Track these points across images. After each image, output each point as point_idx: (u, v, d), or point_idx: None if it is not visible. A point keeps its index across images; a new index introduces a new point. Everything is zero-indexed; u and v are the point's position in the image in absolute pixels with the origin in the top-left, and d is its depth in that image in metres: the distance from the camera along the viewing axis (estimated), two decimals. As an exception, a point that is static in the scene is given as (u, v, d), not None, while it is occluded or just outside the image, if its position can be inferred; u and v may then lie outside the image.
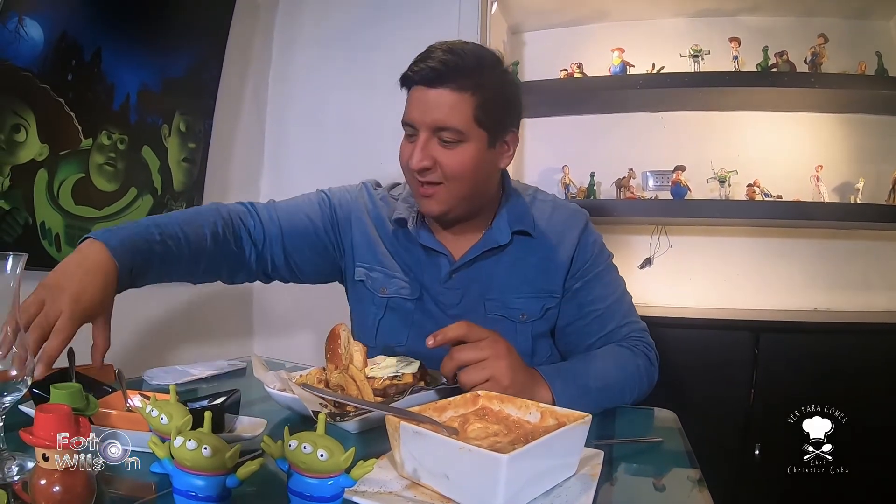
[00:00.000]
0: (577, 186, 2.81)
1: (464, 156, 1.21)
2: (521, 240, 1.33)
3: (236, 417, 0.88)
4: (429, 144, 1.21)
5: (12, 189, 1.75)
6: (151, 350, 2.14)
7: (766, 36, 2.67)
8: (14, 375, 0.71)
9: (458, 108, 1.18)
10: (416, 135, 1.22)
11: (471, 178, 1.23)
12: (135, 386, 1.20)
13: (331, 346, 1.06)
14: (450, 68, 1.18)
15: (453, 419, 0.80)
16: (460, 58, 1.20)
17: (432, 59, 1.19)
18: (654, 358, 1.28)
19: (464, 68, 1.19)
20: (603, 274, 1.34)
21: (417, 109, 1.21)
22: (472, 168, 1.22)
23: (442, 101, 1.18)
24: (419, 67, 1.21)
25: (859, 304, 2.67)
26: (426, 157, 1.20)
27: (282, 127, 2.87)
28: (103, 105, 2.01)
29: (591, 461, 0.77)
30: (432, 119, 1.19)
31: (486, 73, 1.22)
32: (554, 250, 1.32)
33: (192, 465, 0.58)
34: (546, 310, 1.31)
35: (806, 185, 2.62)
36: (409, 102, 1.24)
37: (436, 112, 1.19)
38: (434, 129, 1.20)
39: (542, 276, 1.32)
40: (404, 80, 1.26)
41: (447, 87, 1.18)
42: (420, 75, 1.20)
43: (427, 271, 1.34)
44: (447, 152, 1.21)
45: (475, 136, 1.21)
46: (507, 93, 1.27)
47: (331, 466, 0.58)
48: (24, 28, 1.75)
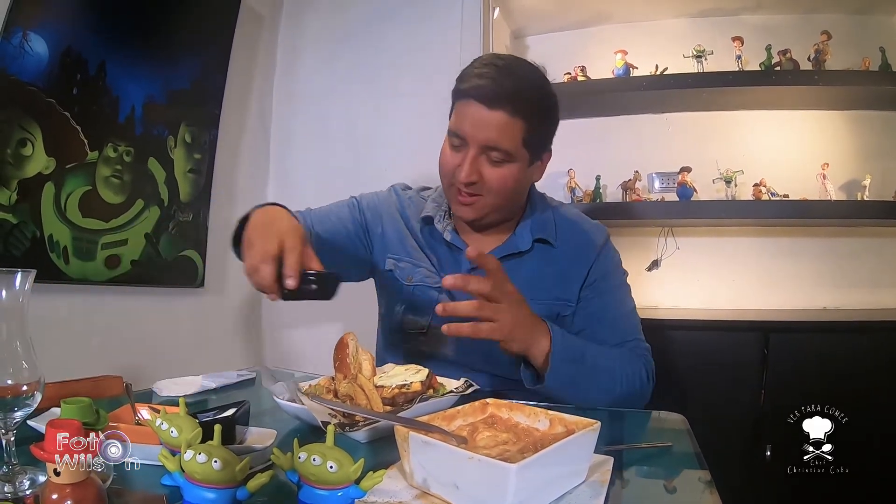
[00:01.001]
0: (582, 190, 2.80)
1: (508, 174, 1.27)
2: (541, 248, 1.39)
3: (246, 429, 0.88)
4: (477, 160, 1.26)
5: (20, 203, 1.77)
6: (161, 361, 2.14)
7: (769, 34, 2.66)
8: (25, 390, 0.71)
9: (511, 131, 1.23)
10: (464, 147, 1.27)
11: (510, 194, 1.32)
12: (144, 398, 1.20)
13: (339, 356, 1.06)
14: (509, 93, 1.22)
15: (462, 428, 0.80)
16: (518, 82, 1.24)
17: (489, 78, 1.23)
18: (651, 374, 1.31)
19: (521, 93, 1.23)
20: (617, 288, 1.40)
21: (471, 125, 1.24)
22: (513, 185, 1.30)
23: (496, 122, 1.22)
24: (478, 84, 1.24)
25: (868, 302, 2.66)
26: (474, 171, 1.26)
27: (287, 135, 2.87)
28: (109, 118, 2.02)
29: (600, 467, 0.77)
30: (485, 137, 1.23)
31: (539, 99, 1.28)
32: (572, 261, 1.38)
33: (203, 478, 0.58)
34: (560, 318, 1.34)
35: (812, 184, 2.60)
36: (462, 115, 1.26)
37: (489, 132, 1.23)
38: (485, 148, 1.25)
39: (560, 285, 1.36)
40: (459, 93, 1.28)
41: (504, 111, 1.22)
42: (479, 93, 1.23)
43: (450, 267, 1.40)
44: (493, 170, 1.26)
45: (520, 156, 1.27)
46: (552, 116, 1.33)
47: (340, 478, 0.58)
48: (29, 43, 1.76)
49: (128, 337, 2.13)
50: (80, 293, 1.98)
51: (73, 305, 1.96)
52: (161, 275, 2.26)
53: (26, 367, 0.71)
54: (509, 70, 1.26)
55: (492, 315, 1.08)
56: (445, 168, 1.32)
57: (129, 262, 2.11)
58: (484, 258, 1.08)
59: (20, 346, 0.71)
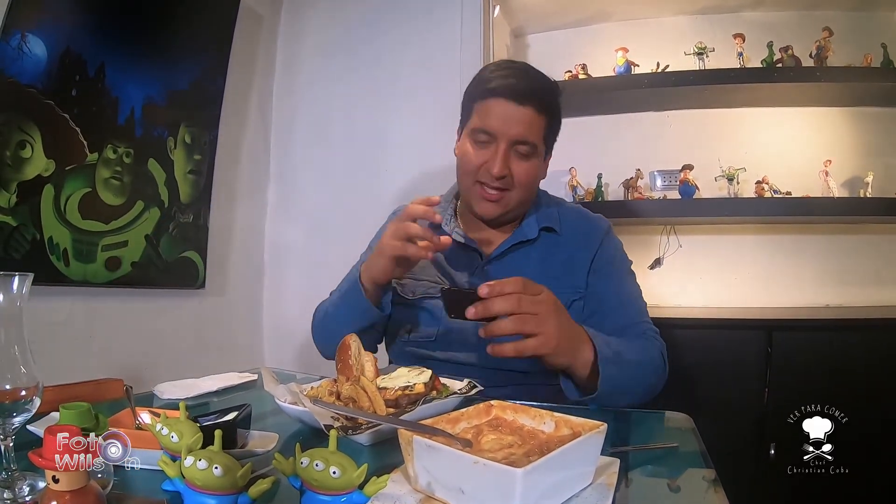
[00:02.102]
0: (584, 188, 2.79)
1: (532, 167, 1.36)
2: (548, 237, 1.43)
3: (248, 432, 0.87)
4: (507, 155, 1.32)
5: (19, 205, 1.76)
6: (162, 363, 2.15)
7: (771, 31, 2.65)
8: (24, 395, 0.70)
9: (537, 126, 1.33)
10: (492, 143, 1.33)
11: (532, 188, 1.40)
12: (145, 401, 1.19)
13: (341, 357, 1.05)
14: (536, 89, 1.32)
15: (467, 430, 0.79)
16: (540, 81, 1.36)
17: (516, 78, 1.32)
18: (665, 355, 1.32)
19: (546, 91, 1.34)
20: (622, 274, 1.44)
21: (501, 121, 1.31)
22: (535, 179, 1.39)
23: (526, 118, 1.30)
24: (506, 83, 1.31)
25: (871, 299, 2.65)
26: (506, 166, 1.32)
27: (287, 136, 2.87)
28: (108, 119, 2.02)
29: (607, 470, 0.76)
30: (516, 132, 1.31)
31: (556, 97, 1.38)
32: (578, 249, 1.42)
33: (203, 484, 0.57)
34: (572, 302, 1.37)
35: (815, 181, 2.60)
36: (489, 113, 1.33)
37: (519, 127, 1.31)
38: (514, 142, 1.32)
39: (568, 272, 1.40)
40: (487, 93, 1.33)
41: (532, 107, 1.30)
42: (508, 90, 1.30)
43: (460, 267, 1.44)
44: (521, 164, 1.34)
45: (540, 151, 1.37)
46: (560, 116, 1.42)
47: (344, 483, 0.57)
48: (28, 45, 1.76)
49: (128, 339, 2.13)
50: (81, 295, 1.98)
51: (73, 308, 1.95)
52: (161, 276, 2.26)
53: (24, 371, 0.70)
54: (529, 71, 1.36)
55: (535, 328, 1.01)
56: (470, 166, 1.36)
57: (129, 264, 2.11)
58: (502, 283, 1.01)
59: (18, 350, 0.71)
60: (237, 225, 2.69)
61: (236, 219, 2.68)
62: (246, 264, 2.76)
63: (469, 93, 1.40)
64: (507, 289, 1.00)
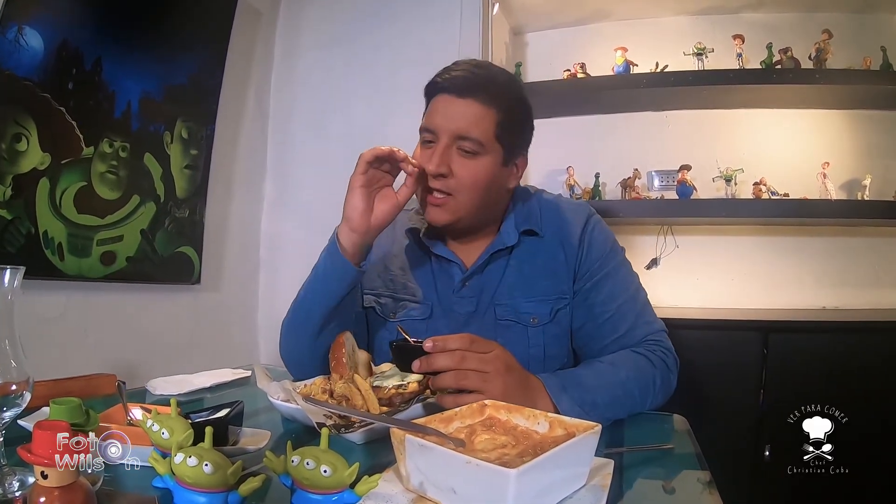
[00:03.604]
0: (581, 187, 2.79)
1: (478, 168, 1.22)
2: (528, 241, 1.33)
3: (239, 429, 0.86)
4: (448, 152, 1.21)
5: (14, 199, 1.75)
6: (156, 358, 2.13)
7: (770, 32, 2.65)
8: (14, 390, 0.70)
9: (483, 120, 1.20)
10: (435, 141, 1.23)
11: (481, 192, 1.24)
12: (138, 397, 1.19)
13: (335, 356, 1.05)
14: (480, 80, 1.22)
15: (460, 430, 0.79)
16: (489, 73, 1.25)
17: (462, 70, 1.23)
18: (672, 364, 1.24)
19: (493, 83, 1.23)
20: (613, 272, 1.32)
21: (442, 116, 1.22)
22: (484, 182, 1.23)
23: (468, 111, 1.20)
24: (449, 76, 1.23)
25: (868, 301, 2.66)
26: (444, 163, 1.21)
27: (284, 132, 2.86)
28: (105, 113, 2.01)
29: (601, 471, 0.76)
30: (456, 127, 1.20)
31: (512, 92, 1.26)
32: (559, 249, 1.32)
33: (194, 481, 0.57)
34: (556, 311, 1.29)
35: (813, 183, 2.60)
36: (433, 109, 1.25)
37: (461, 121, 1.20)
38: (456, 138, 1.21)
39: (551, 277, 1.31)
40: (431, 88, 1.27)
41: (475, 99, 1.20)
42: (450, 83, 1.22)
43: (440, 281, 1.34)
44: (464, 162, 1.21)
45: (493, 150, 1.23)
46: (525, 115, 1.30)
47: (335, 482, 0.57)
48: (24, 37, 1.75)
49: (123, 334, 2.12)
50: (75, 290, 1.97)
51: (67, 302, 1.94)
52: (157, 271, 2.25)
53: (15, 365, 0.70)
54: (480, 65, 1.28)
55: (477, 385, 0.96)
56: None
57: (124, 259, 2.10)
58: (446, 339, 0.98)
59: (9, 344, 0.70)
60: (233, 220, 2.68)
61: (232, 214, 2.67)
62: (242, 260, 2.76)
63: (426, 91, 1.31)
64: (452, 345, 0.97)
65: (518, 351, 1.11)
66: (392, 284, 1.38)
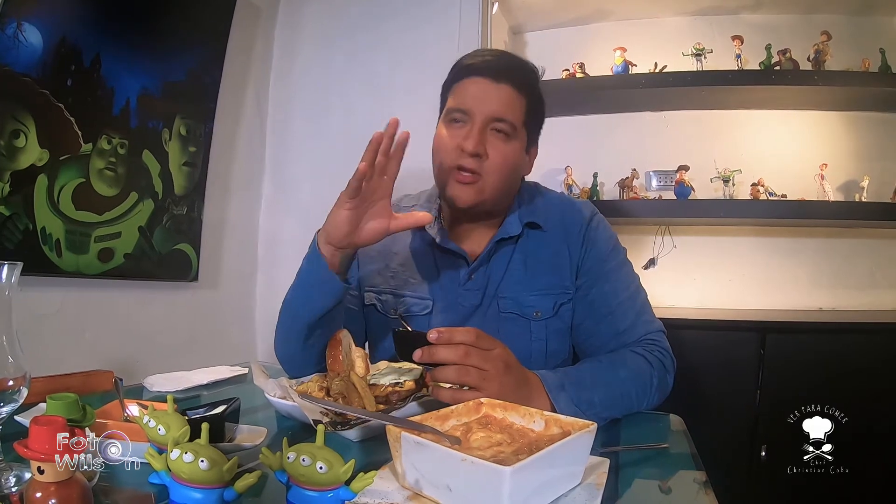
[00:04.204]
0: (580, 187, 2.79)
1: (509, 151, 1.26)
2: (532, 234, 1.35)
3: (236, 426, 0.87)
4: (483, 133, 1.24)
5: (12, 195, 1.75)
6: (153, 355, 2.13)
7: (769, 34, 2.65)
8: (11, 385, 0.70)
9: (515, 105, 1.26)
10: (468, 122, 1.25)
11: (507, 175, 1.28)
12: (135, 393, 1.19)
13: (332, 353, 1.05)
14: (514, 67, 1.28)
15: (456, 428, 0.79)
16: (520, 61, 1.31)
17: (494, 56, 1.29)
18: (669, 365, 1.24)
19: (524, 70, 1.30)
20: (615, 270, 1.33)
21: (477, 98, 1.25)
22: (512, 165, 1.28)
23: (504, 95, 1.24)
24: (484, 60, 1.27)
25: (865, 303, 2.66)
26: (480, 143, 1.23)
27: (283, 129, 2.86)
28: (103, 110, 2.01)
29: (596, 469, 0.76)
30: (492, 110, 1.24)
31: (537, 81, 1.33)
32: (562, 244, 1.34)
33: (189, 477, 0.57)
34: (559, 306, 1.31)
35: (810, 184, 2.60)
36: (465, 91, 1.27)
37: (497, 104, 1.24)
38: (491, 120, 1.24)
39: (554, 271, 1.32)
40: (463, 70, 1.29)
41: (510, 84, 1.25)
42: (486, 66, 1.26)
43: (445, 275, 1.35)
44: (497, 144, 1.25)
45: (520, 136, 1.28)
46: (543, 106, 1.36)
47: (330, 479, 0.57)
48: (23, 33, 1.74)
49: (120, 331, 2.12)
50: (73, 286, 1.97)
51: (65, 298, 1.94)
52: (154, 268, 2.25)
53: (12, 361, 0.70)
54: (506, 53, 1.33)
55: (477, 382, 0.96)
56: (444, 147, 1.27)
57: (122, 256, 2.09)
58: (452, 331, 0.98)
59: (6, 340, 0.70)
60: (231, 218, 2.68)
61: (231, 212, 2.67)
62: (240, 258, 2.75)
63: (445, 82, 1.34)
64: (457, 338, 0.97)
65: (521, 344, 1.12)
66: (393, 281, 1.39)
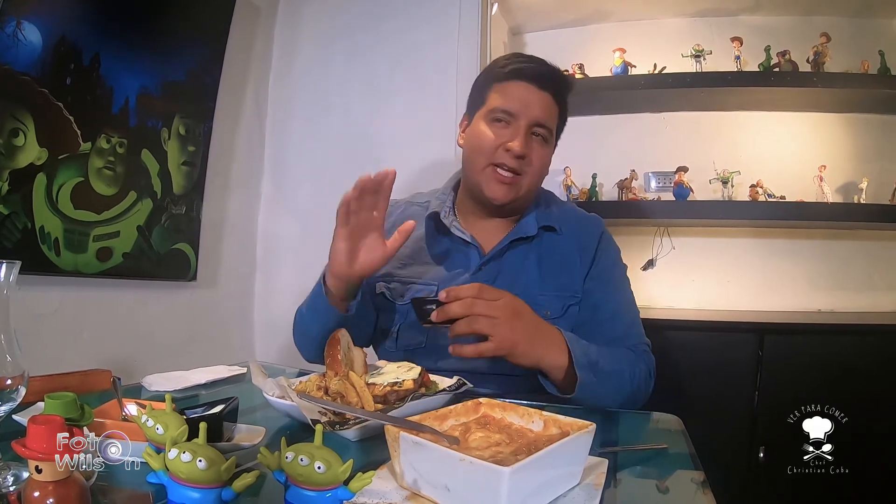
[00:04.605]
0: (578, 188, 2.79)
1: (545, 155, 1.38)
2: (547, 236, 1.43)
3: (234, 426, 0.86)
4: (527, 136, 1.33)
5: (11, 194, 1.75)
6: (152, 355, 2.13)
7: (769, 35, 2.66)
8: (9, 384, 0.70)
9: (553, 112, 1.37)
10: (512, 123, 1.34)
11: (542, 177, 1.41)
12: (133, 393, 1.19)
13: (330, 352, 1.04)
14: (555, 77, 1.37)
15: (454, 428, 0.79)
16: (559, 71, 1.39)
17: (538, 63, 1.35)
18: (652, 372, 1.33)
19: (564, 83, 1.39)
20: (618, 281, 1.43)
21: (522, 102, 1.33)
22: (546, 168, 1.40)
23: (546, 102, 1.35)
24: (528, 66, 1.34)
25: (863, 304, 2.66)
26: (527, 145, 1.33)
27: (282, 129, 2.86)
28: (102, 109, 2.01)
29: (595, 470, 0.76)
30: (536, 115, 1.33)
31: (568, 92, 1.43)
32: (575, 250, 1.41)
33: (187, 477, 0.57)
34: (567, 307, 1.37)
35: (809, 186, 2.60)
36: (510, 94, 1.34)
37: (540, 110, 1.34)
38: (534, 125, 1.33)
39: (566, 274, 1.39)
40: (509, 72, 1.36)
41: (551, 92, 1.35)
42: (532, 72, 1.34)
43: (458, 262, 1.42)
44: (538, 147, 1.36)
45: (553, 141, 1.41)
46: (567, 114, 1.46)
47: (328, 478, 0.57)
48: (23, 32, 1.74)
49: (119, 330, 2.12)
50: (72, 285, 1.96)
51: (63, 297, 1.94)
52: (153, 268, 2.24)
53: (10, 360, 0.70)
54: (547, 62, 1.37)
55: (487, 330, 1.06)
56: (487, 145, 1.34)
57: (120, 255, 2.09)
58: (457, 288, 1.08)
59: (4, 339, 0.70)
60: (230, 217, 2.67)
61: (229, 211, 2.67)
62: (238, 257, 2.75)
63: (483, 79, 1.41)
64: (463, 293, 1.06)
65: None
66: (402, 269, 1.44)
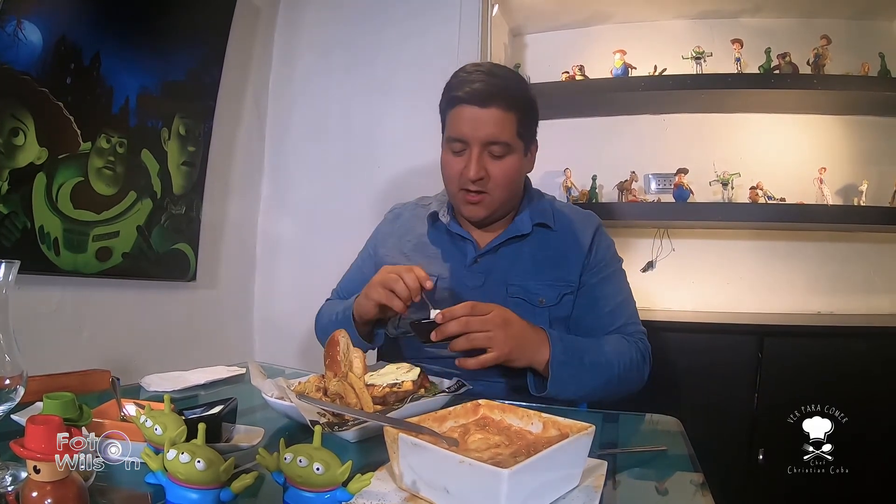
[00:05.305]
0: (578, 189, 2.79)
1: (508, 166, 1.39)
2: (541, 232, 1.47)
3: (233, 426, 0.86)
4: (481, 158, 1.36)
5: (11, 193, 1.75)
6: (151, 355, 2.13)
7: (769, 37, 2.65)
8: (7, 384, 0.70)
9: (506, 124, 1.35)
10: (466, 149, 1.37)
11: (511, 185, 1.42)
12: (132, 393, 1.19)
13: (330, 353, 1.05)
14: (498, 89, 1.34)
15: (453, 429, 0.79)
16: (504, 80, 1.38)
17: (479, 82, 1.35)
18: (648, 357, 1.41)
19: (508, 89, 1.36)
20: (615, 274, 1.49)
21: (469, 126, 1.35)
22: (513, 176, 1.41)
23: (493, 118, 1.34)
24: (470, 89, 1.35)
25: (863, 307, 2.66)
26: (481, 168, 1.36)
27: (282, 130, 2.86)
28: (102, 108, 2.01)
29: (594, 472, 0.76)
30: (485, 134, 1.35)
31: (523, 93, 1.41)
32: (571, 245, 1.46)
33: (186, 478, 0.57)
34: (562, 296, 1.42)
35: (809, 188, 2.60)
36: (458, 120, 1.37)
37: (487, 128, 1.34)
38: (485, 144, 1.36)
39: (561, 266, 1.44)
40: (451, 101, 1.39)
41: (497, 107, 1.34)
42: (472, 96, 1.34)
43: (454, 256, 1.48)
44: (496, 163, 1.38)
45: (517, 148, 1.39)
46: (536, 110, 1.45)
47: (327, 480, 0.57)
48: (23, 31, 1.74)
49: (118, 330, 2.12)
50: (71, 285, 1.96)
51: (63, 297, 1.94)
52: (152, 268, 2.24)
53: (9, 360, 0.70)
54: (493, 72, 1.38)
55: (485, 343, 1.15)
56: (451, 174, 1.41)
57: (120, 255, 2.09)
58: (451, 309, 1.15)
59: (3, 338, 0.70)
60: (230, 218, 2.67)
61: (229, 211, 2.67)
62: (238, 258, 2.75)
63: (441, 103, 1.44)
64: (457, 313, 1.15)
65: None
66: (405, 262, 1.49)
